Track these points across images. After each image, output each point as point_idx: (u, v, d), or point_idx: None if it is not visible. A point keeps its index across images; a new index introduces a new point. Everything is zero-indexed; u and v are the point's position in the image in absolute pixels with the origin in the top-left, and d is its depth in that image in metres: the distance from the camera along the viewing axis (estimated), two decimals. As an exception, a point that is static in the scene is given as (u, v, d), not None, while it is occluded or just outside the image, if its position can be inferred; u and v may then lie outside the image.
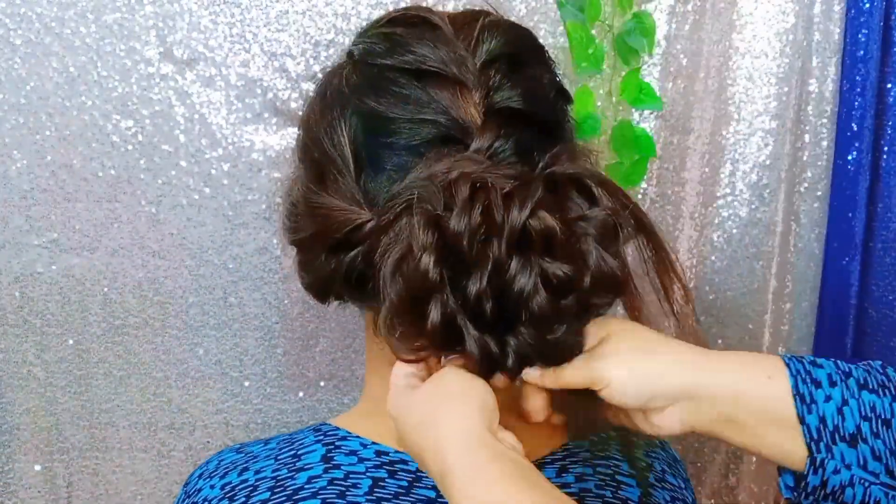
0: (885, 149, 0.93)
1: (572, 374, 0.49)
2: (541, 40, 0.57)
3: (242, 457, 0.55)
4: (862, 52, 0.91)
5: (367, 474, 0.51)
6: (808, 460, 0.46)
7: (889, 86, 0.93)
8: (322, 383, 0.90)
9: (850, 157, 0.92)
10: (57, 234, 0.83)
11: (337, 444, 0.54)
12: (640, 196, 0.92)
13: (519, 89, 0.51)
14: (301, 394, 0.89)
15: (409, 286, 0.46)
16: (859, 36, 0.91)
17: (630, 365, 0.49)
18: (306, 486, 0.51)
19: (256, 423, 0.89)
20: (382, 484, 0.51)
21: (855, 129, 0.91)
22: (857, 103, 0.91)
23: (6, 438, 0.86)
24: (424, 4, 0.57)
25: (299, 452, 0.54)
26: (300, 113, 0.59)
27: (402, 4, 0.80)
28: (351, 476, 0.51)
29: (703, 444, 0.98)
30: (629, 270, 0.49)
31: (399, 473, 0.52)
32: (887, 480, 0.46)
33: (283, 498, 0.51)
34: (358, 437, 0.54)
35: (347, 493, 0.51)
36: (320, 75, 0.58)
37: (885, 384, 0.47)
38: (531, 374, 0.49)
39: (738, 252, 0.95)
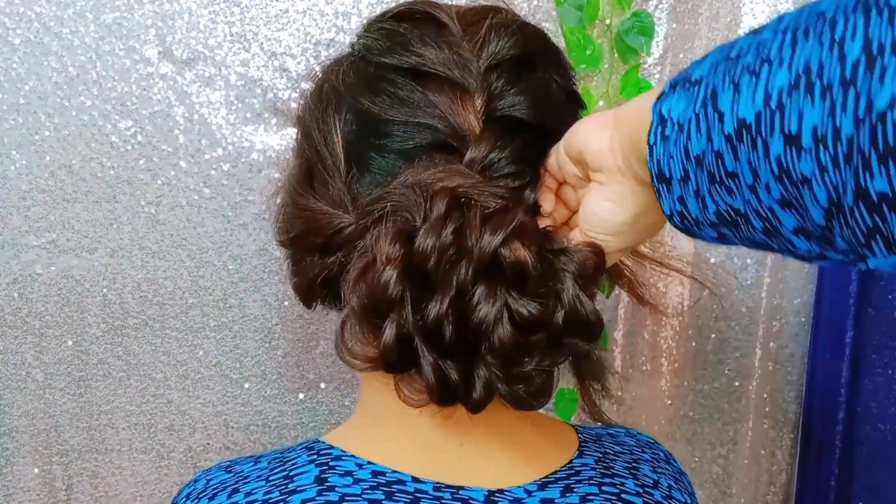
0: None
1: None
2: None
3: (232, 476, 0.53)
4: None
5: (363, 496, 0.49)
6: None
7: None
8: (322, 385, 0.89)
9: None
10: (56, 234, 0.83)
11: (331, 464, 0.51)
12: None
13: (523, 96, 0.49)
14: (301, 395, 0.89)
15: (369, 297, 0.45)
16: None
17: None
18: None
19: (256, 424, 0.88)
20: None
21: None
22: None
23: (4, 441, 0.86)
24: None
25: (291, 473, 0.51)
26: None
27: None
28: (346, 499, 0.48)
29: (697, 433, 0.98)
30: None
31: (396, 495, 0.49)
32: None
33: None
34: (353, 456, 0.51)
35: None
36: (318, 71, 0.57)
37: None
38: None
39: (732, 248, 0.95)
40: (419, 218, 0.45)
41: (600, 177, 0.45)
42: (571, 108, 0.54)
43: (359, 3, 0.84)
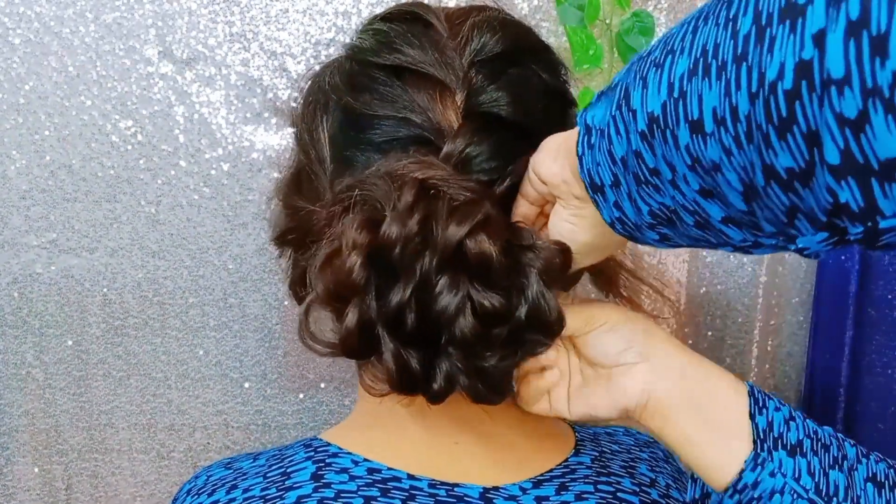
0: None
1: (570, 316, 0.49)
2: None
3: (231, 473, 0.53)
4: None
5: (359, 493, 0.49)
6: (750, 454, 0.46)
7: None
8: (322, 385, 0.89)
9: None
10: (56, 234, 0.83)
11: (327, 461, 0.51)
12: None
13: (503, 92, 0.49)
14: (301, 395, 0.89)
15: (334, 283, 0.44)
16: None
17: (624, 313, 0.50)
18: None
19: (256, 424, 0.89)
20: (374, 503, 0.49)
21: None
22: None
23: (5, 440, 0.86)
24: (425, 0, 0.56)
25: (289, 470, 0.51)
26: (300, 112, 0.58)
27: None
28: (342, 496, 0.49)
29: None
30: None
31: (392, 492, 0.50)
32: (815, 498, 0.46)
33: None
34: (350, 453, 0.52)
35: None
36: (312, 75, 0.57)
37: (823, 424, 0.49)
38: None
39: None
40: (388, 207, 0.44)
41: (561, 201, 0.46)
42: (558, 105, 0.53)
43: (359, 3, 0.84)
